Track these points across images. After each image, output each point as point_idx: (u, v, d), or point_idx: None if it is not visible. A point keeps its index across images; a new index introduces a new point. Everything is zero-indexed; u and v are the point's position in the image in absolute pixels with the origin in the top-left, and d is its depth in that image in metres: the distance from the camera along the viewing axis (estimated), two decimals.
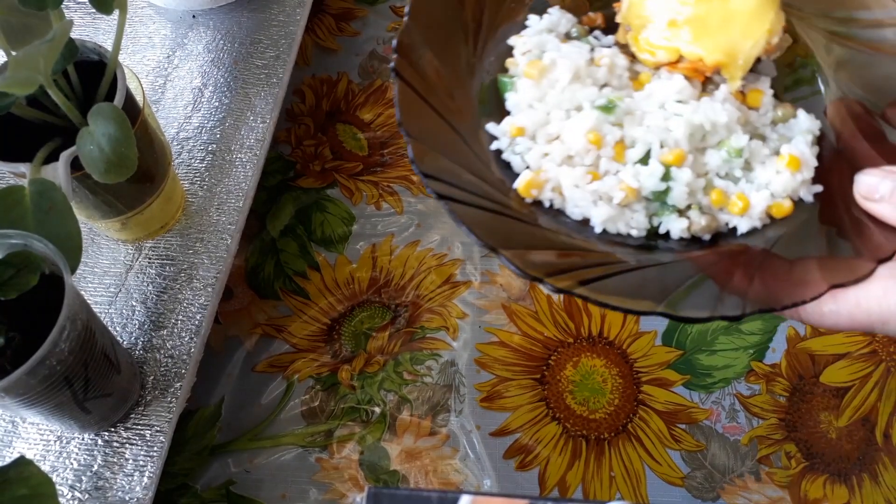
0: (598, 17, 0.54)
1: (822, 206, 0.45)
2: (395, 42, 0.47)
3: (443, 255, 0.64)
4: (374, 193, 0.67)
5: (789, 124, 0.48)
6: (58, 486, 0.49)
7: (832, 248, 0.43)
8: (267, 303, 0.62)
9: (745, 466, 0.55)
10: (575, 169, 0.46)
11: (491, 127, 0.48)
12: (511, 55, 0.51)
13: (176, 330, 0.54)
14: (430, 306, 0.61)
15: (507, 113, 0.50)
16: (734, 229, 0.46)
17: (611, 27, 0.52)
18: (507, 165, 0.48)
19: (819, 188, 0.46)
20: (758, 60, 0.49)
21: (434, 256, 0.64)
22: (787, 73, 0.51)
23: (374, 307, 0.62)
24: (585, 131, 0.46)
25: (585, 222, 0.46)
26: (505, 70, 0.51)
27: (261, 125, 0.63)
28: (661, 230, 0.46)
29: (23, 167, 0.45)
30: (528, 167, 0.47)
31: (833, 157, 0.47)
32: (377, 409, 0.58)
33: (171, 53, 0.66)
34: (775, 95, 0.50)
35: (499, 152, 0.48)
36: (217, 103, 0.64)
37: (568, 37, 0.52)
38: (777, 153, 0.46)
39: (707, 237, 0.46)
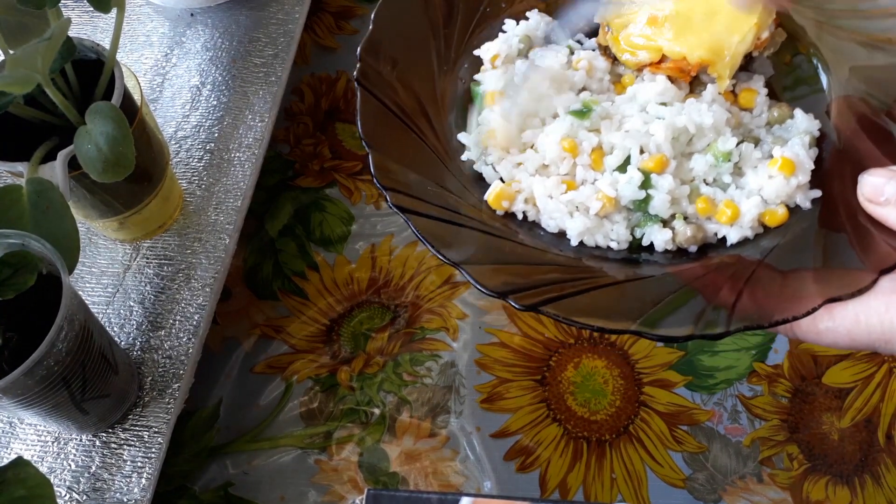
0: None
1: (822, 213, 0.41)
2: (359, 50, 0.45)
3: None
4: (374, 193, 0.66)
5: (786, 125, 0.45)
6: (56, 488, 0.49)
7: (831, 258, 0.39)
8: (265, 303, 0.62)
9: (747, 468, 0.55)
10: (549, 178, 0.43)
11: (462, 136, 0.46)
12: None
13: (174, 330, 0.54)
14: (430, 307, 0.61)
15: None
16: (724, 240, 0.42)
17: (594, 30, 0.49)
18: (480, 177, 0.45)
19: (818, 193, 0.42)
20: (751, 58, 0.46)
21: (434, 256, 0.63)
22: (786, 71, 0.47)
23: (373, 308, 0.61)
24: (560, 138, 0.43)
25: (562, 235, 0.43)
26: None
27: (259, 124, 0.62)
28: (645, 242, 0.43)
29: (20, 166, 0.45)
30: (500, 178, 0.44)
31: (835, 158, 0.43)
32: (376, 411, 0.57)
33: (168, 52, 0.66)
34: (773, 95, 0.46)
35: (472, 163, 0.46)
36: (215, 102, 0.63)
37: (547, 41, 0.49)
38: (771, 156, 0.43)
39: (694, 249, 0.42)
